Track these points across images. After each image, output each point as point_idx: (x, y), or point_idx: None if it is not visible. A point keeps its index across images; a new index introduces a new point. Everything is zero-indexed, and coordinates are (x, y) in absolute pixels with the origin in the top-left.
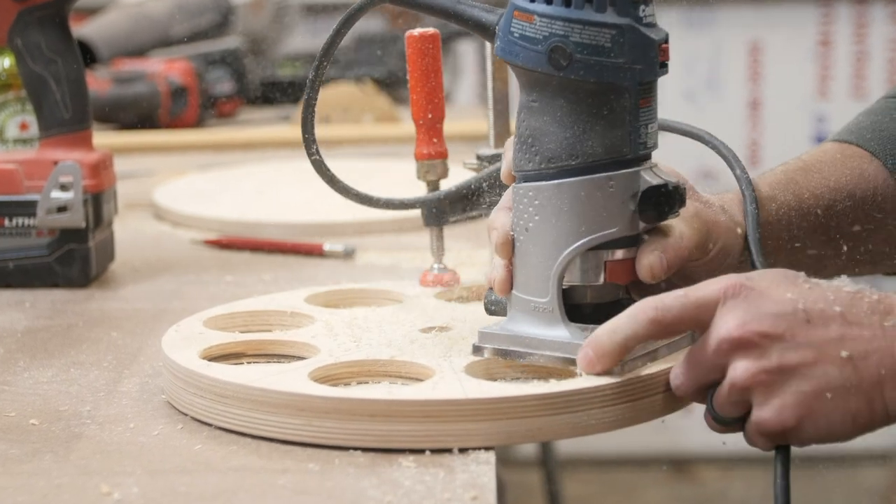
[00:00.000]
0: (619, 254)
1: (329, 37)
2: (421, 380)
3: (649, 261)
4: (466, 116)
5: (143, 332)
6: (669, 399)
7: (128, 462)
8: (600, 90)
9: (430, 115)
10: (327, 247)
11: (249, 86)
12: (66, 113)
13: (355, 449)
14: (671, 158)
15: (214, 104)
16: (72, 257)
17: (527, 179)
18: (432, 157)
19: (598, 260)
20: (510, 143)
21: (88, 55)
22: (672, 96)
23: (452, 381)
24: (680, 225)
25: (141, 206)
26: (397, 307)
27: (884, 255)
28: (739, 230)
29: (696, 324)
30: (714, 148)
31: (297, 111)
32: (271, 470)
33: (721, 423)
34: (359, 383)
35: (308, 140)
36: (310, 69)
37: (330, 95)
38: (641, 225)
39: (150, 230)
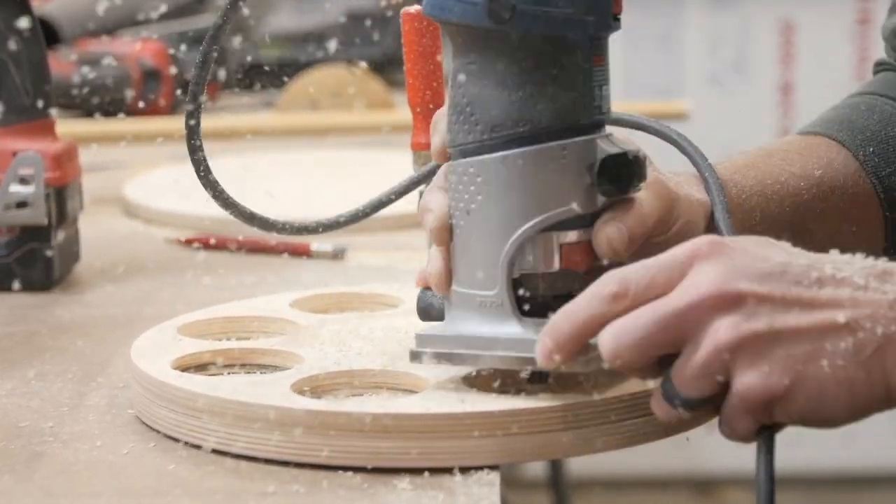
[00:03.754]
0: (575, 235)
1: (218, 17)
2: (416, 392)
3: (608, 233)
4: None
5: (112, 341)
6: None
7: (96, 483)
8: (548, 46)
9: (428, 102)
10: (315, 246)
11: (229, 69)
12: (27, 99)
13: (345, 469)
14: None
15: None
16: (33, 258)
17: (466, 154)
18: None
19: (551, 243)
20: (440, 115)
21: (51, 35)
22: (696, 80)
23: (450, 394)
24: (641, 193)
25: (109, 202)
26: (392, 312)
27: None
28: (701, 210)
29: (667, 292)
30: (664, 136)
31: (282, 96)
32: (253, 492)
33: (683, 405)
34: (347, 396)
35: (194, 147)
36: (197, 59)
37: (318, 79)
38: (600, 201)
39: (120, 228)
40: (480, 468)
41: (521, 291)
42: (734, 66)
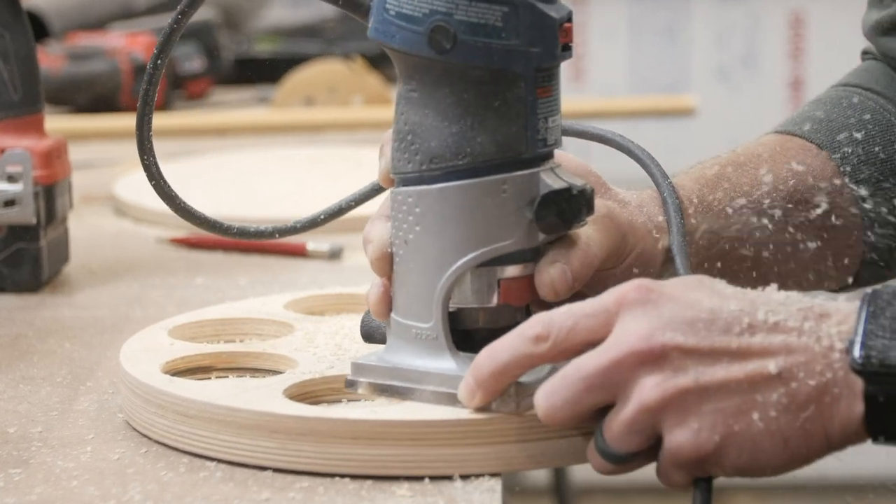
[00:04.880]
0: (515, 270)
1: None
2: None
3: (551, 275)
4: None
5: (102, 343)
6: None
7: (85, 491)
8: (491, 77)
9: None
10: (311, 246)
11: (223, 63)
12: (15, 94)
13: (342, 476)
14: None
15: (183, 84)
16: (21, 258)
17: (406, 183)
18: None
19: (490, 277)
20: (387, 137)
21: (40, 28)
22: (703, 75)
23: None
24: (587, 229)
25: (99, 200)
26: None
27: (826, 270)
28: (659, 236)
29: (592, 339)
30: (626, 151)
31: (276, 92)
32: (248, 500)
33: (614, 460)
34: (343, 401)
35: (144, 148)
36: (150, 61)
37: (314, 74)
38: (541, 236)
39: (110, 227)
40: (481, 475)
41: (460, 325)
42: (742, 60)
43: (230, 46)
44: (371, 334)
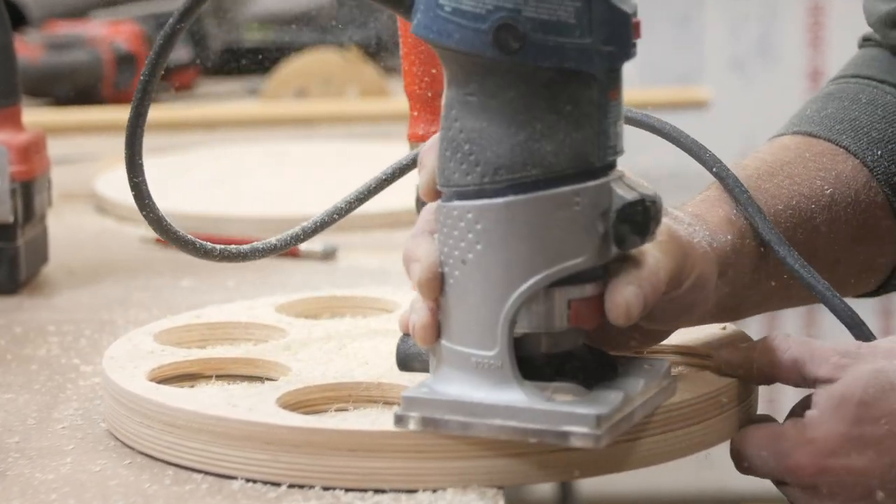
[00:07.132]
0: (586, 289)
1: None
2: None
3: (625, 298)
4: None
5: (83, 348)
6: (711, 430)
7: (65, 503)
8: (561, 79)
9: (426, 89)
10: (303, 246)
11: (210, 53)
12: None
13: (334, 489)
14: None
15: (168, 75)
16: None
17: (463, 197)
18: (429, 139)
19: (559, 299)
20: (428, 149)
21: (17, 16)
22: (717, 65)
23: None
24: (653, 250)
25: (80, 198)
26: (386, 318)
27: (866, 276)
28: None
29: None
30: (673, 140)
31: (267, 83)
32: None
33: None
34: (338, 411)
35: (134, 163)
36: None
37: (307, 64)
38: (613, 252)
39: (91, 226)
40: (482, 488)
41: (522, 351)
42: (759, 49)
43: (218, 35)
44: (408, 362)
